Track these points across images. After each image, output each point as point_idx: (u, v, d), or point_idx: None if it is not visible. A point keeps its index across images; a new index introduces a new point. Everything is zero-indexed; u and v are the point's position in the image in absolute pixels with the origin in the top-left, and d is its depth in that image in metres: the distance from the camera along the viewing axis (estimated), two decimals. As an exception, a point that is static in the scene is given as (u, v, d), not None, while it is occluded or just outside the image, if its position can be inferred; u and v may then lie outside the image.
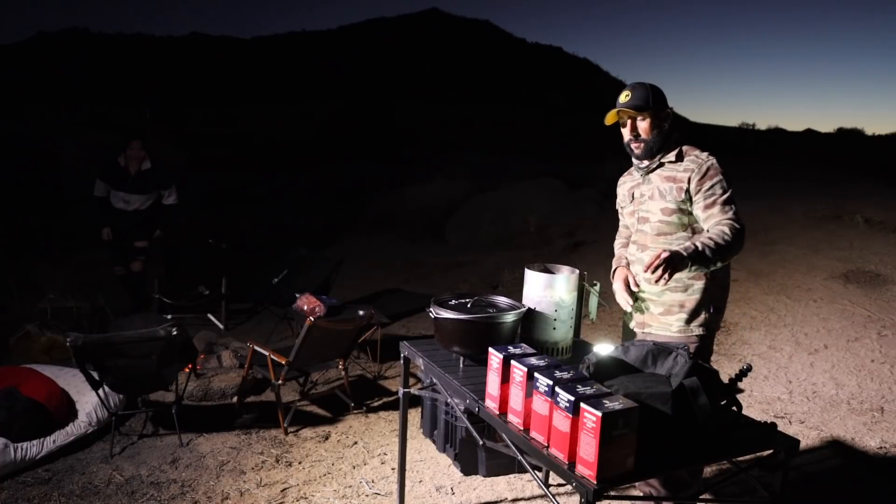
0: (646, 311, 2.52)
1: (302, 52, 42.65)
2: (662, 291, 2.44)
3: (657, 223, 2.47)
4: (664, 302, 2.46)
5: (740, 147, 18.70)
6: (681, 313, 2.43)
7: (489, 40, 47.89)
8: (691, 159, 2.41)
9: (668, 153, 2.46)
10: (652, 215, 2.48)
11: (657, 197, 2.46)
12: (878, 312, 5.38)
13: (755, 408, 4.08)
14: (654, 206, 2.47)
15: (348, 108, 20.45)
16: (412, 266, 8.44)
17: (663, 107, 2.46)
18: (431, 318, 2.48)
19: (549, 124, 22.28)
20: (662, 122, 2.46)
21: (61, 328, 5.02)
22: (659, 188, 2.46)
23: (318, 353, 4.02)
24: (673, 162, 2.44)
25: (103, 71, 33.96)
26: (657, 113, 2.44)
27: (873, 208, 8.10)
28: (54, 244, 8.24)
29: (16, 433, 3.36)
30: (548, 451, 1.77)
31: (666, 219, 2.44)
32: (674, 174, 2.42)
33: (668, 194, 2.42)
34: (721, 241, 2.21)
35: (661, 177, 2.46)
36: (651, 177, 2.50)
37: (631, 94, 2.46)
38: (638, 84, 2.49)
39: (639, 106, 2.43)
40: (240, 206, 12.14)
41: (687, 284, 2.42)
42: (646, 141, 2.45)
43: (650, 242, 2.49)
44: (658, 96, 2.45)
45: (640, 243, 2.55)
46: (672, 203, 2.42)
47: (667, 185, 2.43)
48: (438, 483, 3.33)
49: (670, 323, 2.45)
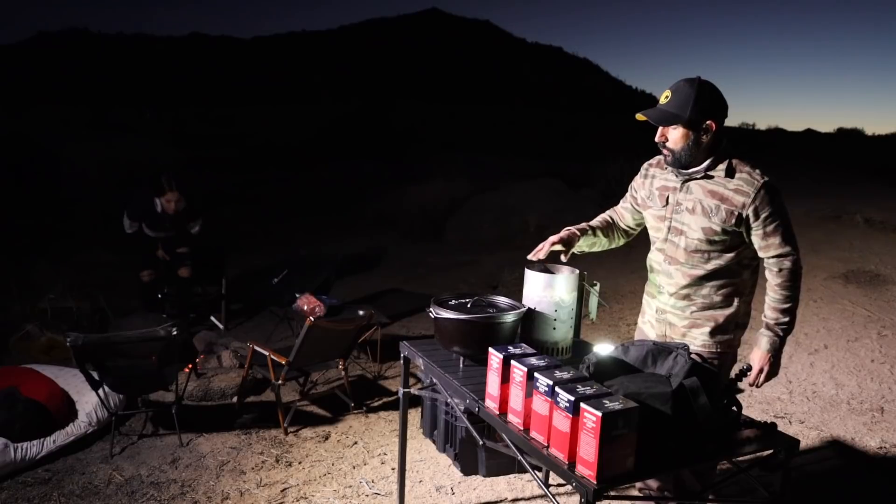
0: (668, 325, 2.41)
1: (302, 52, 42.65)
2: (687, 307, 2.33)
3: (695, 240, 2.24)
4: (688, 317, 2.35)
5: (740, 147, 18.66)
6: (705, 327, 2.32)
7: (489, 40, 47.89)
8: (744, 178, 2.17)
9: (716, 165, 2.21)
10: (690, 230, 2.25)
11: (699, 212, 2.22)
12: (878, 312, 5.38)
13: (755, 408, 4.08)
14: (694, 222, 2.24)
15: (348, 108, 20.46)
16: (412, 266, 8.44)
17: (704, 118, 2.14)
18: (431, 318, 2.48)
19: (549, 124, 22.30)
20: (699, 135, 2.16)
21: (61, 328, 5.02)
22: (703, 203, 2.21)
23: (318, 353, 4.02)
24: (722, 177, 2.19)
25: (103, 71, 33.96)
26: (692, 125, 2.15)
27: (873, 208, 8.10)
28: (54, 244, 8.23)
29: (16, 433, 3.36)
30: (548, 451, 1.77)
31: (708, 238, 2.22)
32: (722, 191, 2.18)
33: (715, 214, 2.19)
34: (787, 305, 2.22)
35: (706, 190, 2.21)
36: (692, 186, 2.25)
37: (670, 96, 2.18)
38: (685, 83, 2.17)
39: (663, 119, 2.18)
40: (240, 206, 12.13)
41: (714, 302, 2.30)
42: (673, 151, 2.21)
43: (683, 258, 2.29)
44: (703, 103, 2.14)
45: (669, 255, 2.34)
46: (718, 225, 2.19)
47: (712, 201, 2.19)
48: (438, 483, 3.33)
49: (695, 336, 2.34)
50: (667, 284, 2.37)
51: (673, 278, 2.35)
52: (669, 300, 2.38)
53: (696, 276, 2.29)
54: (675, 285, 2.34)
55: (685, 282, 2.31)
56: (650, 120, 2.21)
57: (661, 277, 2.39)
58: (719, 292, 2.29)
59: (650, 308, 2.51)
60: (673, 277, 2.35)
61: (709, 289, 2.29)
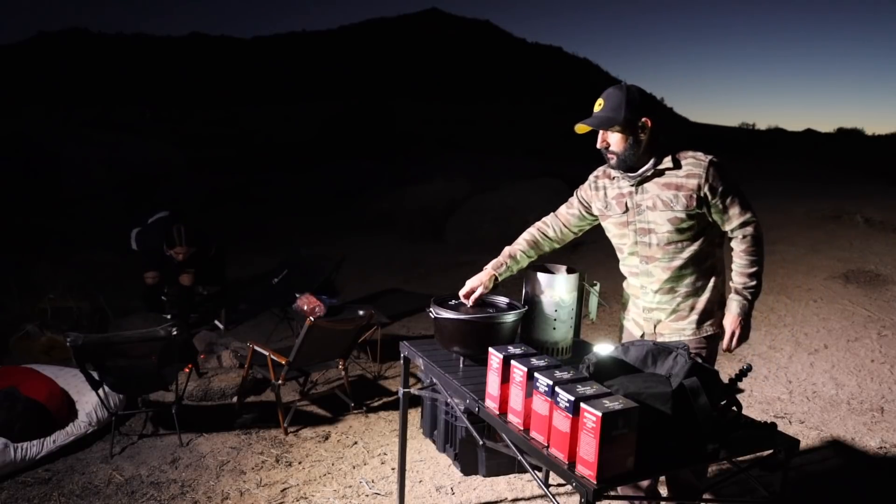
0: (656, 321, 2.44)
1: (302, 52, 42.63)
2: (673, 298, 2.37)
3: (665, 234, 2.31)
4: (675, 308, 2.38)
5: (740, 147, 18.70)
6: (692, 315, 2.37)
7: (489, 40, 47.88)
8: (691, 163, 2.27)
9: (661, 160, 2.30)
10: (657, 226, 2.32)
11: (660, 207, 2.30)
12: (878, 312, 5.38)
13: (755, 408, 4.08)
14: (659, 217, 2.31)
15: (348, 108, 20.45)
16: (412, 266, 8.45)
17: (638, 117, 2.25)
18: (431, 318, 2.48)
19: (549, 124, 22.29)
20: (637, 133, 2.26)
21: (61, 328, 5.01)
22: (661, 197, 2.30)
23: (318, 353, 4.02)
24: (671, 168, 2.28)
25: (103, 71, 33.94)
26: (629, 125, 2.25)
27: (873, 208, 8.11)
28: (54, 244, 8.23)
29: (16, 433, 3.36)
30: (548, 451, 1.77)
31: (676, 228, 2.29)
32: (675, 181, 2.27)
33: (676, 203, 2.27)
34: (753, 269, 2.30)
35: (660, 185, 2.30)
36: (646, 186, 2.33)
37: (603, 103, 2.28)
38: (614, 89, 2.31)
39: (601, 123, 2.28)
40: (240, 206, 12.14)
41: (696, 287, 2.36)
42: (617, 154, 2.30)
43: (659, 254, 2.35)
44: (634, 105, 2.24)
45: (643, 255, 2.39)
46: (681, 212, 2.26)
47: (669, 192, 2.28)
48: (438, 483, 3.33)
49: (683, 328, 2.38)
50: (649, 283, 2.41)
51: (654, 276, 2.39)
52: (655, 297, 2.41)
53: (675, 266, 2.34)
54: (657, 281, 2.38)
55: (667, 275, 2.35)
56: (590, 126, 2.30)
57: (642, 279, 2.44)
58: (700, 276, 2.36)
59: (636, 307, 2.53)
60: (654, 275, 2.38)
61: (690, 275, 2.35)
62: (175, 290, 5.41)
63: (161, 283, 5.37)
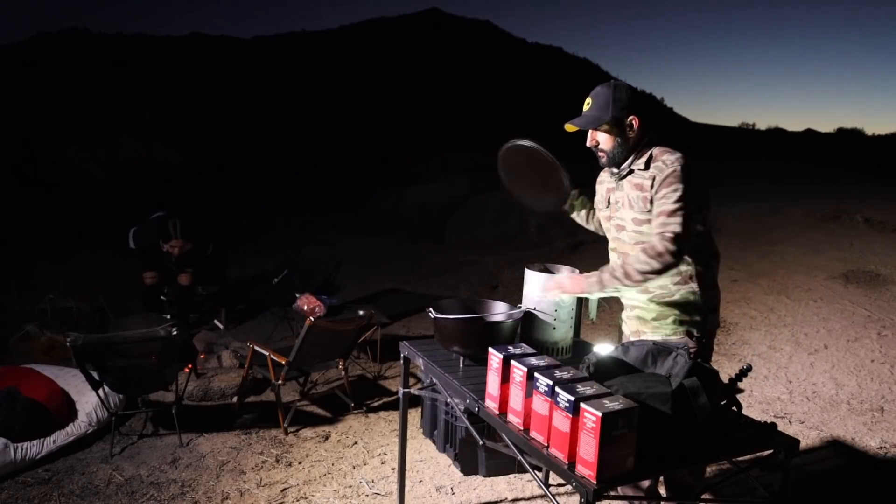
0: (638, 320, 2.43)
1: (302, 52, 42.63)
2: (649, 300, 2.35)
3: (633, 233, 2.33)
4: (655, 309, 2.36)
5: (740, 147, 18.70)
6: (672, 316, 2.34)
7: (489, 40, 47.85)
8: (658, 165, 2.24)
9: (638, 159, 2.30)
10: (627, 224, 2.35)
11: (628, 206, 2.33)
12: (878, 312, 5.38)
13: (755, 408, 4.08)
14: (628, 216, 2.34)
15: (348, 108, 20.45)
16: (412, 266, 8.45)
17: (626, 115, 2.26)
18: (431, 318, 2.48)
19: (548, 124, 22.20)
20: (625, 131, 2.28)
21: (61, 328, 5.02)
22: (629, 197, 2.32)
23: (318, 353, 4.03)
24: (642, 169, 2.28)
25: (103, 71, 33.90)
26: (616, 124, 2.27)
27: (873, 208, 8.11)
28: (54, 244, 8.23)
29: (16, 433, 3.37)
30: (548, 451, 1.77)
31: (639, 229, 2.30)
32: (641, 181, 2.27)
33: (637, 204, 2.28)
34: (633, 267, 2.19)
35: (632, 184, 2.31)
36: (623, 183, 2.36)
37: (591, 102, 2.30)
38: (602, 87, 2.31)
39: (588, 123, 2.30)
40: (240, 206, 12.14)
41: (673, 290, 2.31)
42: (606, 152, 2.33)
43: (630, 251, 2.35)
44: (621, 103, 2.26)
45: (619, 251, 2.43)
46: (640, 214, 2.27)
47: (635, 193, 2.29)
48: (438, 483, 3.33)
49: (664, 327, 2.36)
50: None
51: None
52: (635, 295, 2.41)
53: None
54: None
55: None
56: (578, 126, 2.32)
57: None
58: (673, 278, 2.30)
59: (626, 306, 2.54)
60: None
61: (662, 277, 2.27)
62: (174, 290, 5.41)
63: (160, 283, 5.37)
